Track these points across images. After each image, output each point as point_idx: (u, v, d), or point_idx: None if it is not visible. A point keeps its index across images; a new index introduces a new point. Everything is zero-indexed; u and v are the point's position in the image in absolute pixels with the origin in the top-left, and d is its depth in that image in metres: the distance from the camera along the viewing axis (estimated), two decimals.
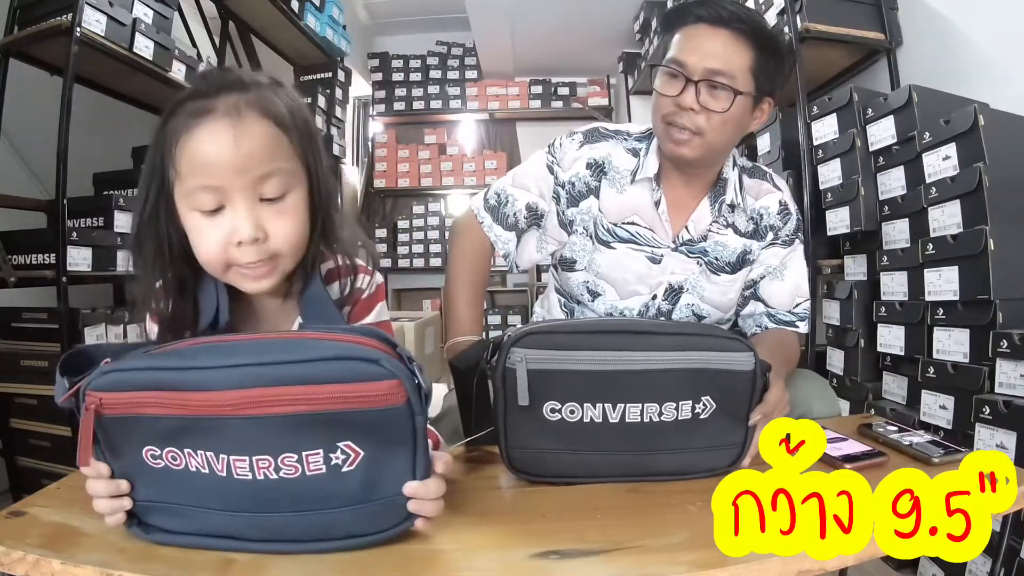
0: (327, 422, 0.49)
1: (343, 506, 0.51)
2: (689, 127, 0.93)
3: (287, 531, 0.52)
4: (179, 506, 0.53)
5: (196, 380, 0.49)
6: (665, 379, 0.66)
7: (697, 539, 0.55)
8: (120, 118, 2.30)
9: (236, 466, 0.49)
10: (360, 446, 0.50)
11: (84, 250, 1.70)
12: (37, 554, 0.50)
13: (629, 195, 1.02)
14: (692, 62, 0.91)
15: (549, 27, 4.24)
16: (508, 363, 0.65)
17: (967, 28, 1.74)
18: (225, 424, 0.49)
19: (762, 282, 1.06)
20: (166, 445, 0.51)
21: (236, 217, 0.58)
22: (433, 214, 4.78)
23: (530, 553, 0.53)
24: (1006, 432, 1.13)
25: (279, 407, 0.48)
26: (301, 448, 0.49)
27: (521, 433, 0.67)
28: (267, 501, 0.51)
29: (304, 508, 0.51)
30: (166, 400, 0.49)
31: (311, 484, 0.50)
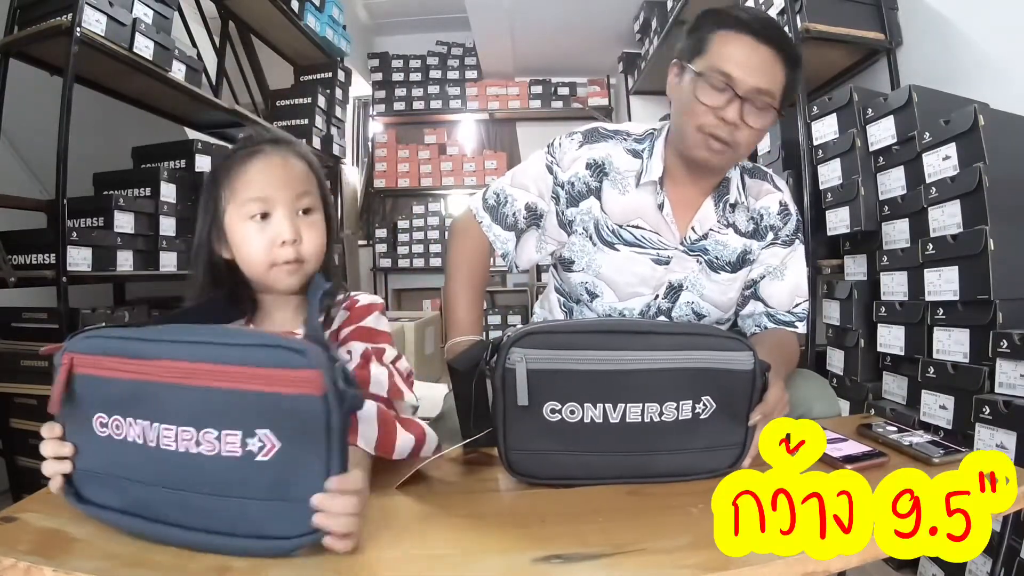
0: (248, 407, 0.52)
1: (255, 498, 0.52)
2: (727, 140, 0.93)
3: (202, 517, 0.53)
4: (112, 477, 0.56)
5: (155, 350, 0.54)
6: (665, 379, 0.66)
7: (700, 542, 0.54)
8: (120, 118, 2.30)
9: (164, 435, 0.53)
10: (277, 437, 0.52)
11: (84, 250, 1.70)
12: (28, 561, 0.50)
13: (632, 197, 1.02)
14: (740, 77, 0.90)
15: (549, 27, 4.24)
16: (508, 363, 0.64)
17: (967, 28, 1.74)
18: (164, 392, 0.53)
19: (762, 282, 1.06)
20: (114, 412, 0.55)
21: (280, 222, 0.73)
22: (433, 214, 4.78)
23: (532, 557, 0.52)
24: (1006, 432, 1.13)
25: (210, 381, 0.52)
26: (222, 426, 0.52)
27: (521, 434, 0.66)
28: (185, 477, 0.53)
29: (218, 491, 0.53)
30: (123, 365, 0.55)
31: (225, 465, 0.52)
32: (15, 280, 1.59)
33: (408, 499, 0.65)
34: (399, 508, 0.63)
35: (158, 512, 0.54)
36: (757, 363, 0.69)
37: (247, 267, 0.75)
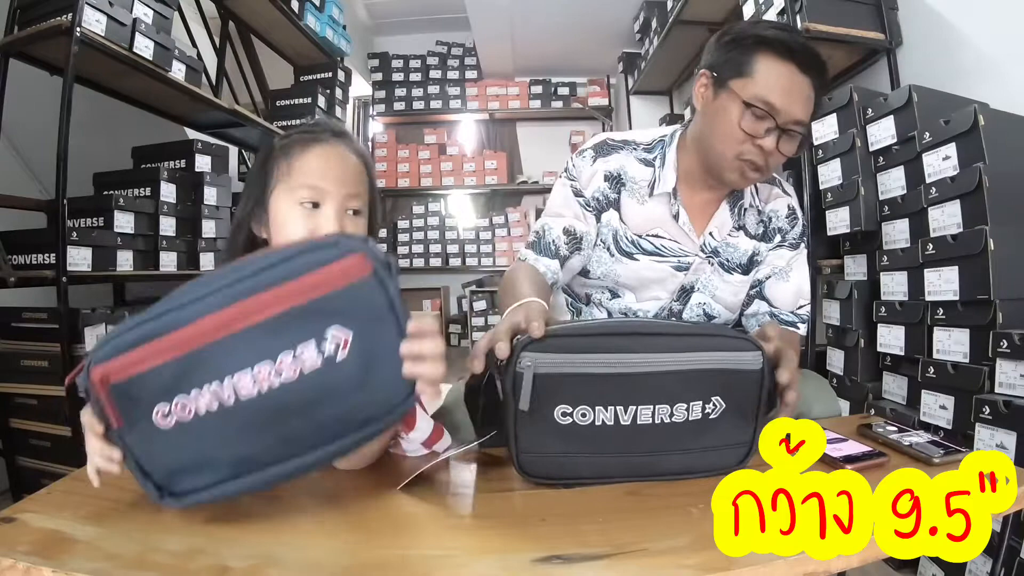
0: (309, 314, 0.53)
1: (350, 393, 0.54)
2: (761, 166, 0.94)
3: (307, 438, 0.54)
4: (201, 460, 0.55)
5: (177, 319, 0.53)
6: (675, 380, 0.66)
7: (701, 542, 0.54)
8: (120, 118, 2.30)
9: (240, 386, 0.52)
10: (347, 326, 0.53)
11: (84, 250, 1.70)
12: (28, 562, 0.50)
13: (650, 207, 1.03)
14: (784, 108, 0.90)
15: (549, 27, 4.25)
16: (518, 368, 0.64)
17: (967, 28, 1.74)
18: (219, 347, 0.52)
19: (768, 282, 1.07)
20: (174, 395, 0.53)
21: (327, 216, 0.72)
22: (433, 214, 4.78)
23: (532, 557, 0.52)
24: (1006, 432, 1.13)
25: (261, 314, 0.52)
26: (295, 342, 0.52)
27: (532, 437, 0.66)
28: (279, 411, 0.53)
29: (315, 407, 0.53)
30: (159, 348, 0.53)
31: (312, 382, 0.53)
32: (15, 280, 1.59)
33: (408, 499, 0.65)
34: (399, 509, 0.63)
35: (266, 455, 0.54)
36: (765, 363, 0.69)
37: None
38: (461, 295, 4.79)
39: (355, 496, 0.68)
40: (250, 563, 0.51)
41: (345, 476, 0.72)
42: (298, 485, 0.70)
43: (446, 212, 4.90)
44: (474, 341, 4.36)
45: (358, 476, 0.72)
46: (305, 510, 0.63)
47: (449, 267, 4.76)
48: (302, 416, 0.54)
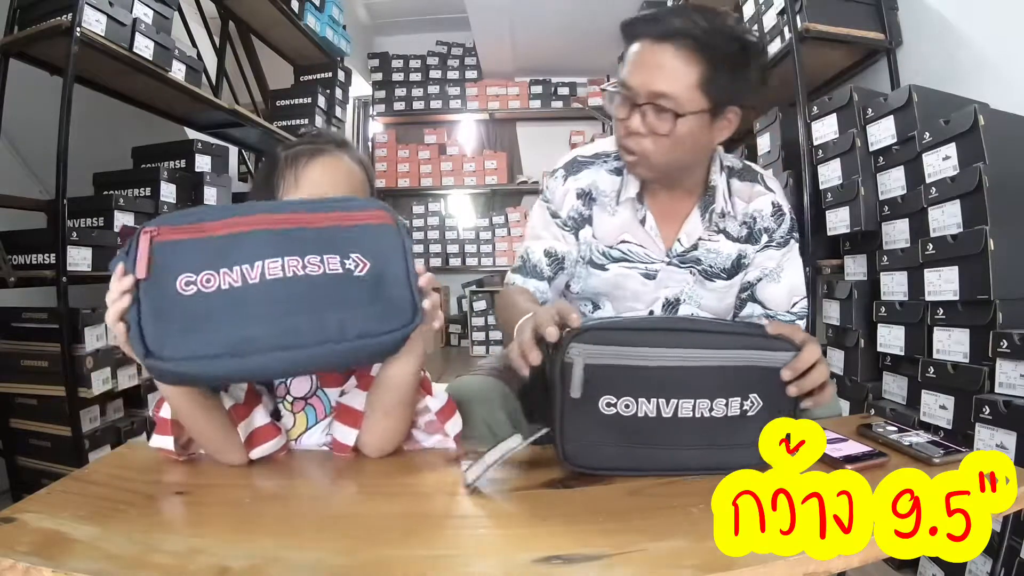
0: (337, 238, 0.63)
1: (357, 307, 0.61)
2: (636, 150, 0.92)
3: (305, 333, 0.59)
4: (204, 330, 0.58)
5: (244, 209, 0.63)
6: (715, 376, 0.68)
7: (700, 542, 0.54)
8: (120, 118, 2.30)
9: (270, 267, 0.60)
10: (366, 257, 0.63)
11: (84, 250, 1.70)
12: (27, 562, 0.49)
13: (619, 216, 1.03)
14: (636, 84, 0.88)
15: (549, 27, 4.25)
16: (566, 358, 0.66)
17: (967, 28, 1.74)
18: (258, 237, 0.61)
19: (759, 285, 1.06)
20: (203, 269, 0.59)
21: None
22: (433, 214, 4.78)
23: (533, 558, 0.52)
24: (1006, 432, 1.13)
25: (299, 222, 0.63)
26: (322, 252, 0.62)
27: (577, 426, 0.68)
28: (297, 294, 0.59)
29: (323, 307, 0.60)
30: (208, 227, 0.61)
31: (331, 282, 0.61)
32: (15, 280, 1.59)
33: (410, 500, 0.65)
34: (399, 509, 0.63)
35: (260, 338, 0.58)
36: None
37: None
38: (461, 295, 4.80)
39: (355, 496, 0.69)
40: (250, 563, 0.51)
41: (345, 476, 0.72)
42: (298, 485, 0.71)
43: (446, 212, 4.89)
44: (475, 341, 4.38)
45: (358, 476, 0.72)
46: (305, 510, 0.63)
47: (449, 267, 4.76)
48: (315, 306, 0.60)
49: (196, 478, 0.69)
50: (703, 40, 0.86)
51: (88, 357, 1.63)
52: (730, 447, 0.69)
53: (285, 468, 0.73)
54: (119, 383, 1.74)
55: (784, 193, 1.08)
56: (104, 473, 0.69)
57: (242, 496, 0.65)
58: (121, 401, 1.84)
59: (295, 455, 0.77)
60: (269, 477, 0.70)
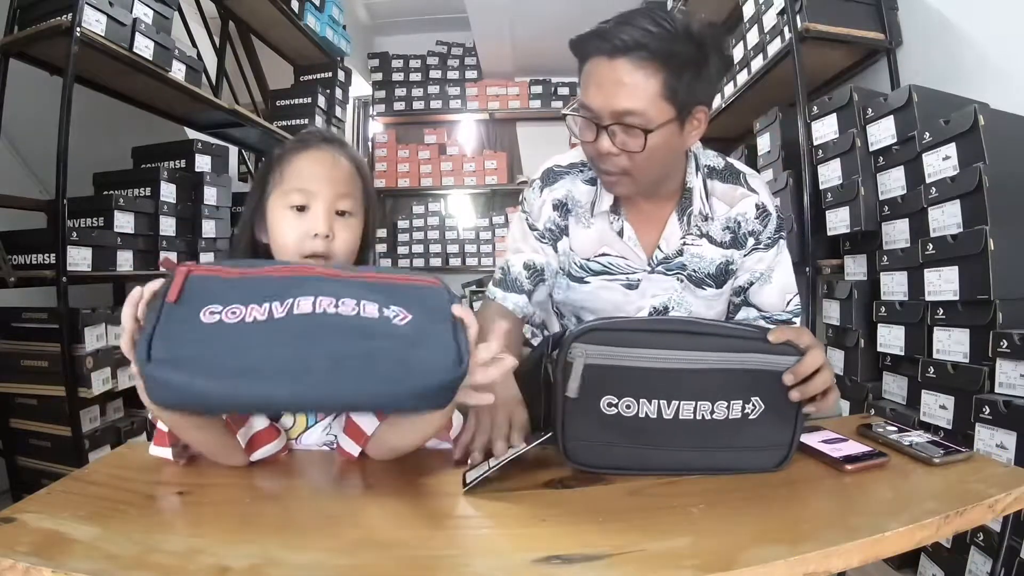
0: (383, 291, 0.60)
1: (387, 351, 0.56)
2: (614, 171, 0.90)
3: (318, 368, 0.54)
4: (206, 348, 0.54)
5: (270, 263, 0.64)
6: (717, 378, 0.68)
7: (701, 542, 0.54)
8: (120, 118, 2.30)
9: (300, 303, 0.57)
10: (408, 311, 0.59)
11: (84, 250, 1.70)
12: (27, 562, 0.49)
13: (595, 228, 1.02)
14: (598, 105, 0.85)
15: (549, 27, 4.23)
16: (568, 357, 0.67)
17: (967, 28, 1.74)
18: (292, 280, 0.59)
19: (751, 289, 1.04)
20: (231, 303, 0.56)
21: (316, 216, 0.76)
22: (433, 214, 4.78)
23: (532, 558, 0.52)
24: (1006, 432, 1.13)
25: (346, 276, 0.61)
26: (360, 297, 0.58)
27: (578, 425, 0.69)
28: (320, 328, 0.56)
29: (353, 337, 0.56)
30: (245, 270, 0.60)
31: (363, 323, 0.57)
32: (15, 280, 1.59)
33: (410, 500, 0.65)
34: (399, 508, 0.63)
35: (265, 372, 0.54)
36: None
37: (278, 252, 0.78)
38: (461, 295, 4.78)
39: (355, 496, 0.68)
40: (250, 563, 0.51)
41: (345, 476, 0.72)
42: (298, 485, 0.71)
43: (446, 212, 4.89)
44: None
45: (358, 476, 0.72)
46: (305, 510, 0.63)
47: (449, 267, 4.76)
48: (338, 340, 0.55)
49: (196, 478, 0.68)
50: (658, 48, 0.82)
51: (88, 357, 1.63)
52: (731, 449, 0.69)
53: (285, 468, 0.73)
54: (119, 383, 1.74)
55: (770, 191, 1.05)
56: (104, 473, 0.69)
57: (242, 496, 0.65)
58: (121, 401, 1.84)
59: (295, 455, 0.76)
60: (269, 477, 0.70)
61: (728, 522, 0.59)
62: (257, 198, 0.80)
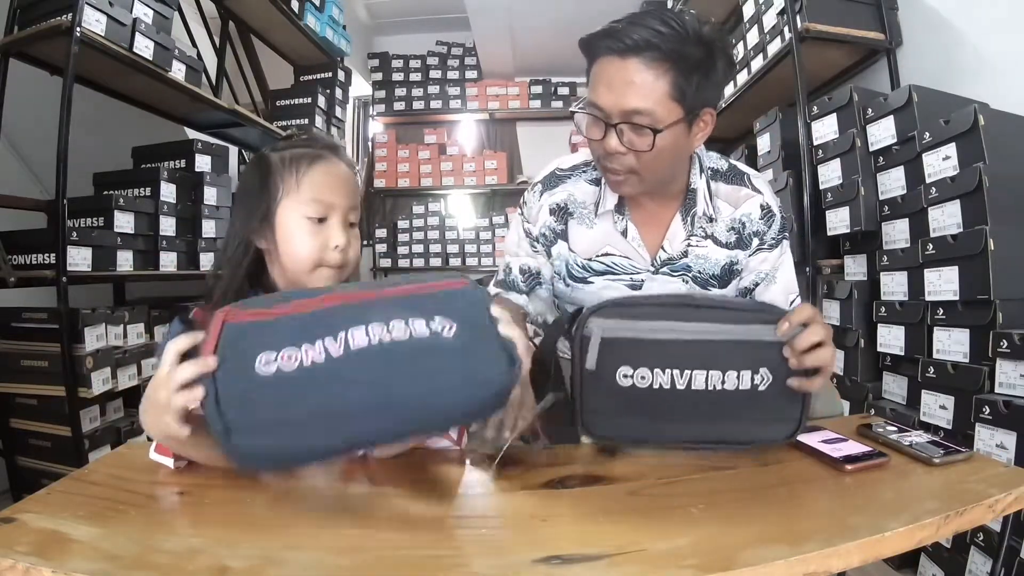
0: (421, 304, 0.60)
1: (451, 366, 0.58)
2: (620, 170, 0.90)
3: (400, 397, 0.56)
4: (286, 408, 0.55)
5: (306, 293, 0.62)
6: (726, 349, 0.71)
7: (701, 543, 0.54)
8: (120, 118, 2.30)
9: (353, 336, 0.57)
10: (451, 319, 0.59)
11: (84, 250, 1.70)
12: (27, 562, 0.50)
13: (598, 228, 1.02)
14: (607, 104, 0.86)
15: (549, 27, 4.24)
16: (585, 331, 0.70)
17: (967, 28, 1.74)
18: (338, 311, 0.58)
19: (756, 290, 1.04)
20: (284, 346, 0.56)
21: (335, 228, 0.77)
22: (433, 214, 4.78)
23: (532, 558, 0.52)
24: (1006, 432, 1.13)
25: (377, 295, 0.61)
26: (405, 316, 0.58)
27: (595, 397, 0.72)
28: (382, 359, 0.56)
29: (416, 369, 0.57)
30: (283, 309, 0.58)
31: (419, 343, 0.58)
32: (15, 280, 1.59)
33: (410, 501, 0.65)
34: (399, 509, 0.63)
35: (352, 415, 0.55)
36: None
37: (291, 261, 0.77)
38: None
39: (355, 496, 0.68)
40: (250, 563, 0.51)
41: (345, 476, 0.72)
42: (298, 485, 0.70)
43: (446, 212, 4.89)
44: None
45: (358, 476, 0.72)
46: (305, 511, 0.63)
47: (449, 267, 4.75)
48: (406, 370, 0.57)
49: (196, 478, 0.68)
50: (669, 49, 0.83)
51: (88, 357, 1.63)
52: (742, 420, 0.73)
53: None
54: (119, 383, 1.74)
55: (773, 191, 1.05)
56: (104, 473, 0.69)
57: (242, 496, 0.65)
58: (121, 401, 1.84)
59: None
60: (269, 477, 0.70)
61: (728, 522, 0.59)
62: (265, 204, 0.77)
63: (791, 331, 0.71)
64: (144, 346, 1.87)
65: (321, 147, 0.81)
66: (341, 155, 0.82)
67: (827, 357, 0.72)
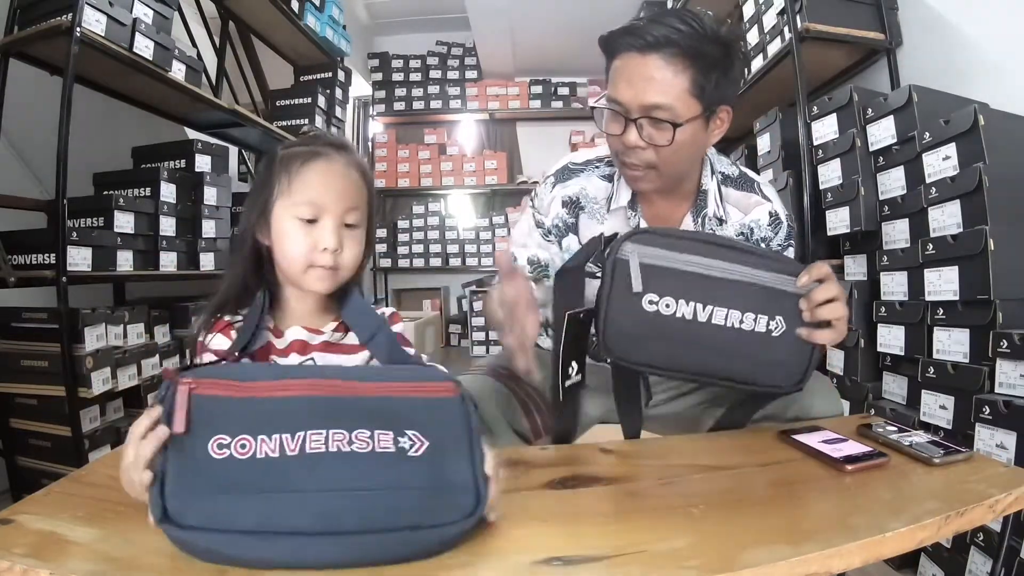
0: (392, 412, 0.57)
1: (409, 492, 0.54)
2: (639, 164, 0.92)
3: (346, 519, 0.51)
4: (224, 496, 0.52)
5: (281, 371, 0.61)
6: (749, 291, 0.76)
7: (701, 543, 0.54)
8: (120, 118, 2.30)
9: (311, 439, 0.54)
10: (424, 436, 0.56)
11: (84, 250, 1.70)
12: (25, 564, 0.49)
13: (609, 223, 1.03)
14: (628, 99, 0.88)
15: (549, 27, 4.24)
16: (620, 255, 0.75)
17: (967, 28, 1.74)
18: (303, 403, 0.55)
19: None
20: (240, 433, 0.53)
21: (325, 229, 0.74)
22: (433, 214, 4.78)
23: (532, 559, 0.52)
24: (1006, 432, 1.13)
25: (352, 391, 0.57)
26: (373, 428, 0.55)
27: (619, 317, 0.76)
28: (334, 475, 0.53)
29: (369, 489, 0.53)
30: (253, 387, 0.56)
31: (381, 460, 0.54)
32: (15, 280, 1.58)
33: None
34: None
35: (289, 528, 0.51)
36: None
37: (284, 261, 0.76)
38: (461, 295, 4.79)
39: None
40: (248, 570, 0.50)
41: None
42: None
43: (446, 212, 4.89)
44: (475, 342, 4.38)
45: None
46: None
47: (449, 267, 4.76)
48: (359, 488, 0.53)
49: None
50: (688, 46, 0.85)
51: (88, 357, 1.63)
52: (752, 361, 0.76)
53: None
54: (119, 383, 1.74)
55: (781, 199, 1.07)
56: (102, 474, 0.69)
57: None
58: (121, 401, 1.84)
59: None
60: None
61: (729, 522, 0.59)
62: (263, 201, 0.78)
63: (808, 284, 0.76)
64: (144, 346, 1.87)
65: (322, 145, 0.79)
66: (344, 153, 0.80)
67: (839, 311, 0.76)
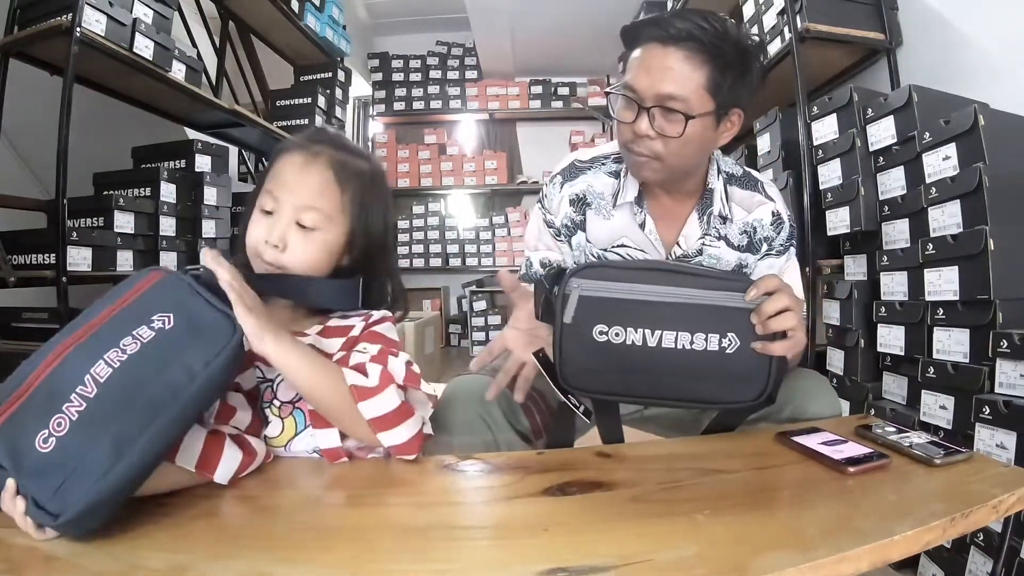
0: (133, 315, 0.63)
1: (184, 352, 0.61)
2: (646, 153, 0.92)
3: (159, 403, 0.58)
4: (83, 461, 0.56)
5: (30, 366, 0.66)
6: (696, 312, 0.76)
7: (708, 550, 0.53)
8: (120, 118, 2.30)
9: (97, 373, 0.59)
10: (166, 312, 0.63)
11: (84, 250, 1.70)
12: None
13: (616, 220, 1.03)
14: (643, 87, 0.89)
15: (549, 27, 4.25)
16: (566, 290, 0.77)
17: (967, 28, 1.74)
18: (64, 367, 0.62)
19: None
20: (47, 419, 0.58)
21: (276, 224, 0.75)
22: (433, 214, 4.78)
23: (536, 570, 0.50)
24: (1006, 432, 1.13)
25: (92, 329, 0.65)
26: (131, 330, 0.62)
27: (573, 351, 0.78)
28: (136, 379, 0.59)
29: (157, 371, 0.59)
30: (34, 376, 0.64)
31: (151, 348, 0.61)
32: (15, 280, 1.58)
33: (406, 510, 0.63)
34: (398, 520, 0.61)
35: (133, 434, 0.56)
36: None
37: (249, 253, 0.78)
38: (461, 295, 4.79)
39: (348, 506, 0.66)
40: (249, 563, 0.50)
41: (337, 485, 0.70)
42: (288, 495, 0.68)
43: (446, 212, 4.89)
44: (475, 342, 4.37)
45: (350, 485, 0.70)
46: (296, 522, 0.60)
47: (449, 267, 4.76)
48: (147, 375, 0.59)
49: (182, 491, 0.65)
50: (710, 43, 0.87)
51: None
52: (710, 380, 0.77)
53: (273, 477, 0.70)
54: None
55: (784, 199, 1.08)
56: None
57: (230, 508, 0.62)
58: None
59: (284, 463, 0.73)
60: (257, 487, 0.67)
61: (734, 528, 0.57)
62: (255, 196, 0.81)
63: (757, 297, 0.75)
64: None
65: (308, 139, 0.80)
66: (327, 152, 0.78)
67: (790, 321, 0.75)
